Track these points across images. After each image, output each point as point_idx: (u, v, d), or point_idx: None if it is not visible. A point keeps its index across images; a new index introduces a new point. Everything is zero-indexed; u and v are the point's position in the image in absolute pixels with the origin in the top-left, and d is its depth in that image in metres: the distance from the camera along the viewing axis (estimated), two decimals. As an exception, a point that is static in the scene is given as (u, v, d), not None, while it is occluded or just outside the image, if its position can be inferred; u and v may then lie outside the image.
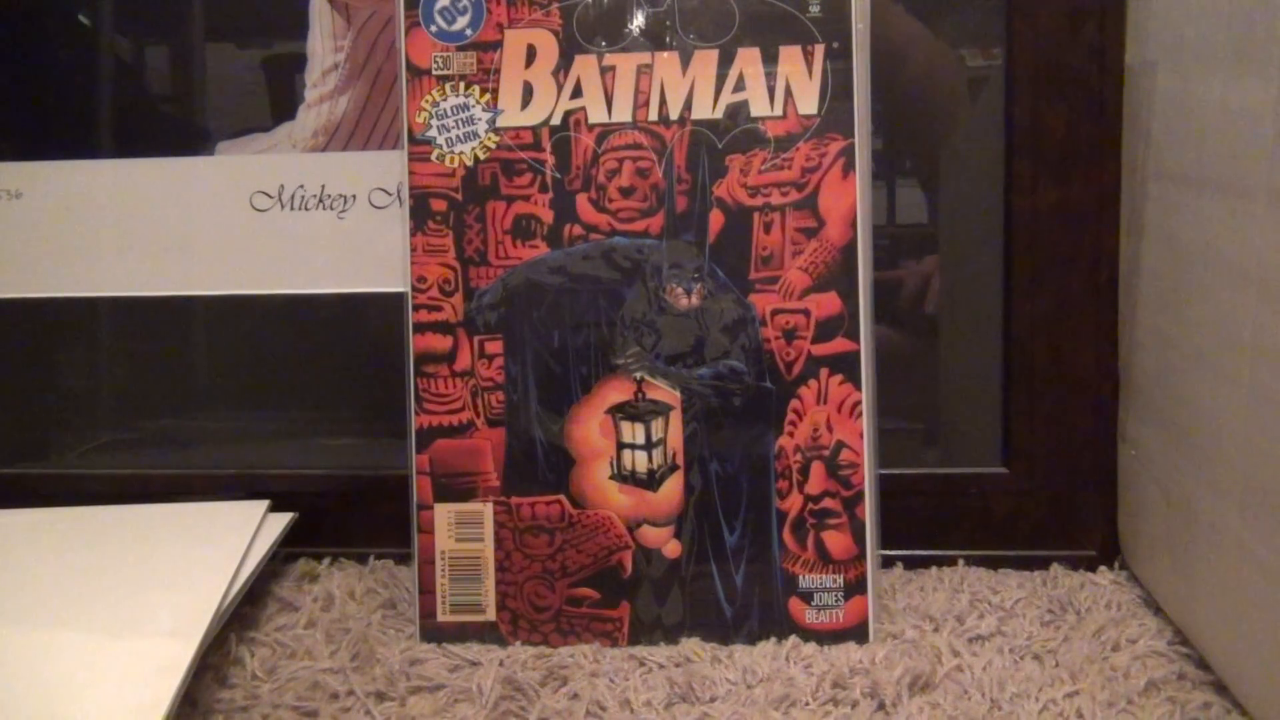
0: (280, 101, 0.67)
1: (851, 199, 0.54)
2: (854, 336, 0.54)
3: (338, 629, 0.55)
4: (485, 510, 0.55)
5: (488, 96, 0.55)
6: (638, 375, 0.55)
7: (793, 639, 0.53)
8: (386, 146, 0.65)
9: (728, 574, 0.54)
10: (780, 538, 0.54)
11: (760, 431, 0.54)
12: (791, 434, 0.54)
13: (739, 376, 0.54)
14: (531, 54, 0.55)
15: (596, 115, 0.55)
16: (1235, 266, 0.47)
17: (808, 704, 0.48)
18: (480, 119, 0.55)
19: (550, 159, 0.55)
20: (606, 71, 0.55)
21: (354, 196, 0.64)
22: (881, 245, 0.61)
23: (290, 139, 0.66)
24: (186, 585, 0.53)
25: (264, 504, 0.61)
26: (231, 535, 0.58)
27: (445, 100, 0.55)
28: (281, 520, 0.61)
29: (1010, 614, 0.56)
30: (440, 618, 0.55)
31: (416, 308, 0.55)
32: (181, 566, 0.55)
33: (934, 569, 0.61)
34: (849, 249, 0.54)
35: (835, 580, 0.54)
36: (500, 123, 0.55)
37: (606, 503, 0.55)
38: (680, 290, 0.54)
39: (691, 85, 0.54)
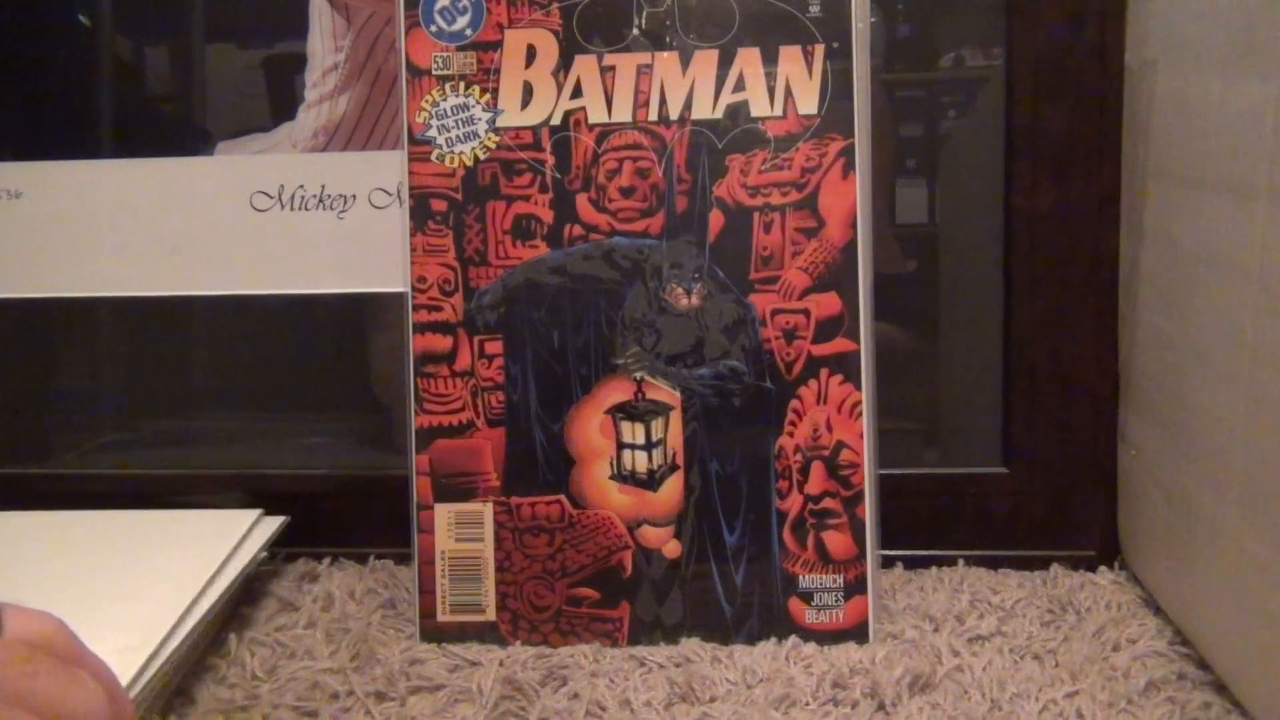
0: (280, 101, 0.67)
1: (851, 199, 0.54)
2: (854, 336, 0.54)
3: (338, 629, 0.55)
4: (485, 510, 0.55)
5: (488, 96, 0.55)
6: (638, 375, 0.54)
7: (793, 639, 0.53)
8: (386, 146, 0.65)
9: (728, 574, 0.54)
10: (780, 538, 0.54)
11: (760, 431, 0.54)
12: (791, 434, 0.54)
13: (739, 376, 0.54)
14: (531, 54, 0.55)
15: (596, 115, 0.55)
16: (1235, 266, 0.47)
17: (808, 704, 0.48)
18: (480, 119, 0.55)
19: (550, 159, 0.55)
20: (606, 71, 0.55)
21: (354, 196, 0.64)
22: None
23: (290, 139, 0.66)
24: (149, 597, 0.52)
25: (255, 513, 0.61)
26: (209, 546, 0.56)
27: (445, 100, 0.55)
28: (271, 525, 0.60)
29: (1010, 614, 0.56)
30: (440, 618, 0.55)
31: (416, 308, 0.55)
32: (148, 579, 0.54)
33: (934, 569, 0.61)
34: (849, 249, 0.54)
35: (835, 580, 0.54)
36: (500, 123, 0.55)
37: (606, 503, 0.55)
38: (680, 290, 0.54)
39: (691, 85, 0.54)
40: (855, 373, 0.54)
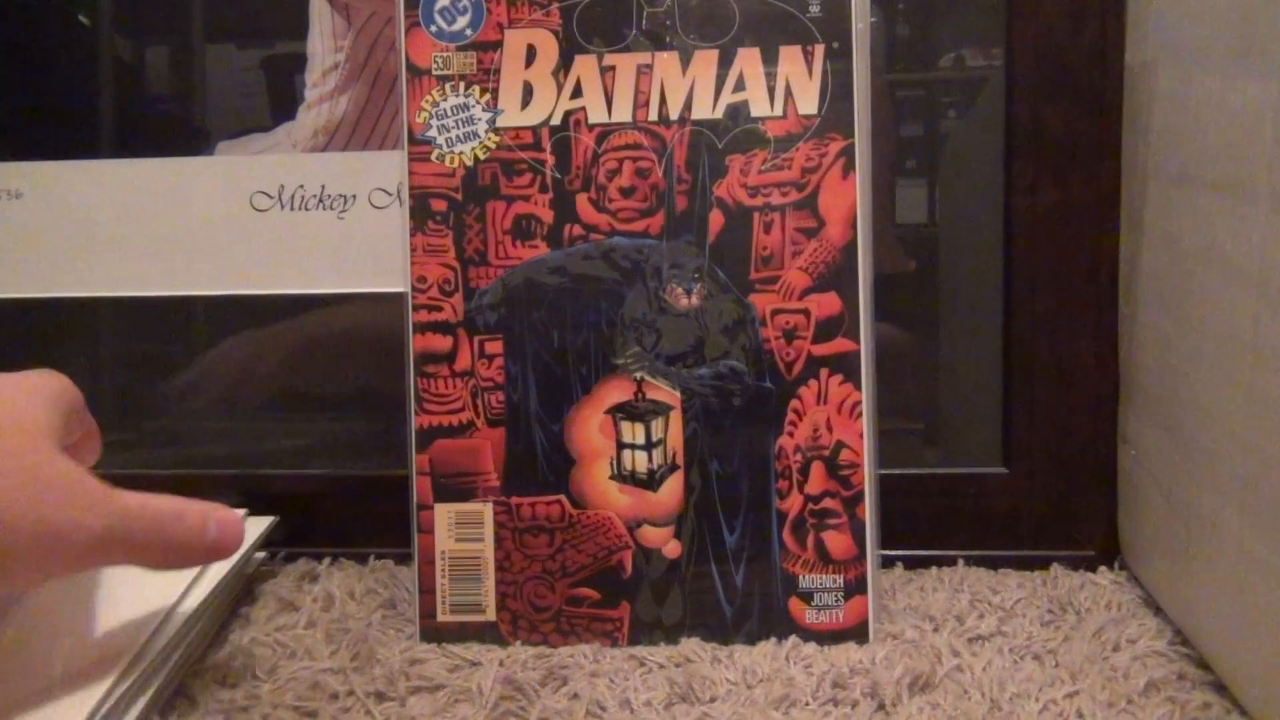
0: (280, 101, 0.67)
1: (851, 199, 0.54)
2: (854, 336, 0.54)
3: (338, 629, 0.55)
4: (485, 510, 0.55)
5: (488, 96, 0.55)
6: (638, 375, 0.55)
7: (793, 639, 0.53)
8: (386, 146, 0.65)
9: (728, 574, 0.54)
10: (780, 538, 0.54)
11: (760, 431, 0.54)
12: (791, 434, 0.54)
13: (739, 376, 0.54)
14: (531, 54, 0.55)
15: (596, 115, 0.55)
16: (1235, 266, 0.47)
17: (808, 704, 0.48)
18: (480, 119, 0.55)
19: (550, 159, 0.55)
20: (606, 71, 0.55)
21: (354, 196, 0.64)
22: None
23: (290, 139, 0.66)
24: (134, 599, 0.51)
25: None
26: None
27: (445, 100, 0.55)
28: (259, 525, 0.59)
29: (1010, 614, 0.56)
30: (440, 618, 0.55)
31: (416, 308, 0.55)
32: (132, 581, 0.51)
33: (934, 569, 0.61)
34: (849, 249, 0.54)
35: (835, 580, 0.54)
36: (500, 123, 0.55)
37: (606, 503, 0.55)
38: (680, 290, 0.54)
39: (691, 85, 0.54)
40: (855, 373, 0.54)
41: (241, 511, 0.60)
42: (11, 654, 0.48)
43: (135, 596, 0.52)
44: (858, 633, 0.54)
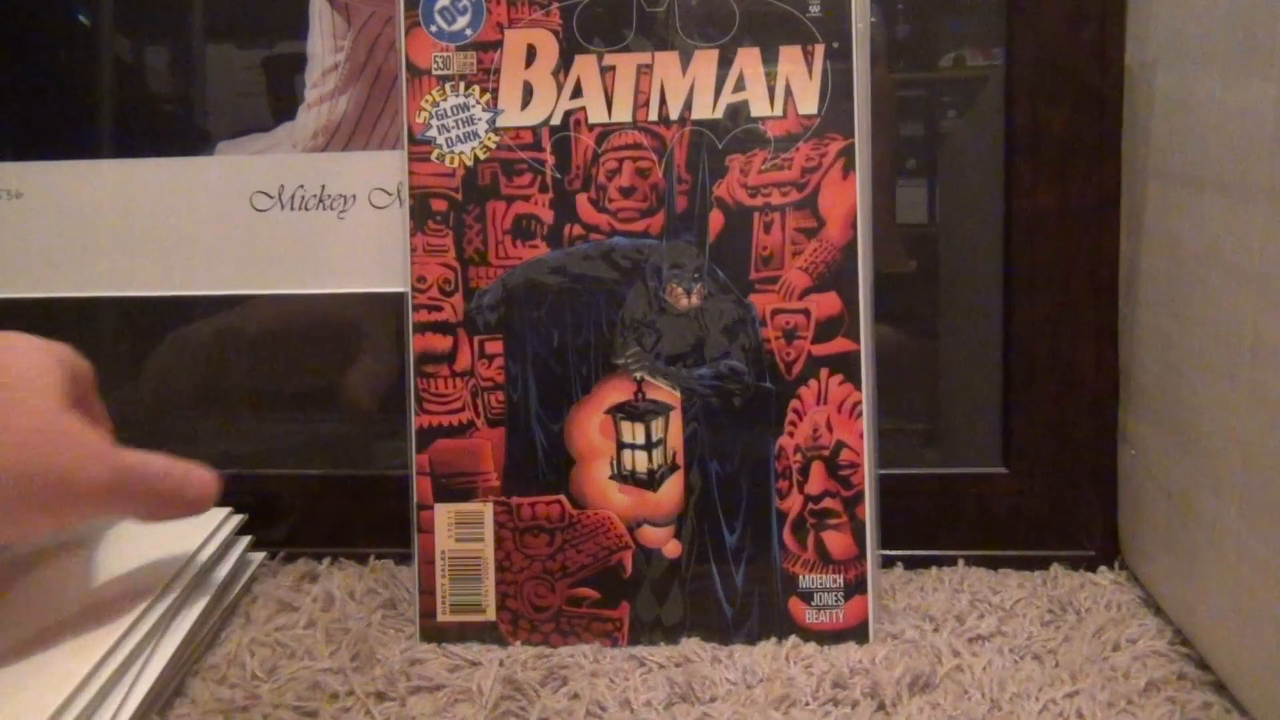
0: (280, 101, 0.67)
1: (851, 199, 0.54)
2: (854, 336, 0.54)
3: (338, 629, 0.55)
4: (485, 510, 0.55)
5: (488, 96, 0.55)
6: (638, 375, 0.55)
7: (793, 639, 0.53)
8: (386, 146, 0.65)
9: (728, 574, 0.54)
10: (780, 538, 0.54)
11: (760, 431, 0.54)
12: (791, 434, 0.54)
13: (739, 376, 0.54)
14: (531, 54, 0.55)
15: (596, 115, 0.55)
16: (1235, 266, 0.47)
17: (808, 704, 0.48)
18: (480, 119, 0.55)
19: (550, 159, 0.55)
20: (606, 71, 0.55)
21: (354, 196, 0.64)
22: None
23: (290, 139, 0.66)
24: (113, 598, 0.50)
25: (225, 511, 0.58)
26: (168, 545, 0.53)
27: (445, 100, 0.55)
28: (230, 522, 0.58)
29: (1010, 614, 0.56)
30: (440, 618, 0.55)
31: (416, 308, 0.55)
32: (106, 584, 0.51)
33: (934, 569, 0.61)
34: (849, 249, 0.54)
35: (835, 580, 0.54)
36: (500, 123, 0.55)
37: (606, 503, 0.55)
38: (680, 290, 0.54)
39: (691, 85, 0.54)
40: (855, 373, 0.54)
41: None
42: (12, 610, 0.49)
43: (134, 565, 0.52)
44: (858, 633, 0.54)
